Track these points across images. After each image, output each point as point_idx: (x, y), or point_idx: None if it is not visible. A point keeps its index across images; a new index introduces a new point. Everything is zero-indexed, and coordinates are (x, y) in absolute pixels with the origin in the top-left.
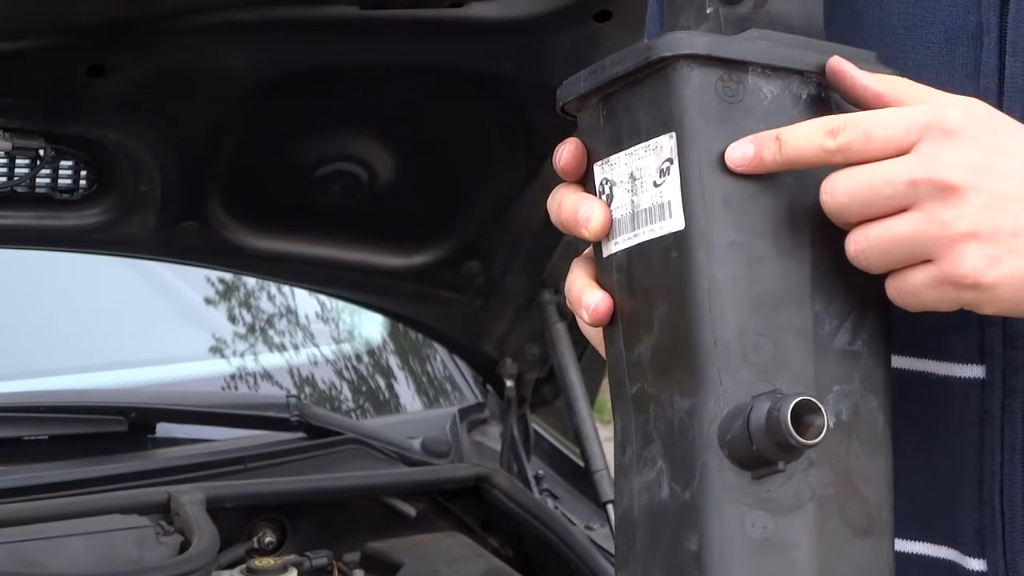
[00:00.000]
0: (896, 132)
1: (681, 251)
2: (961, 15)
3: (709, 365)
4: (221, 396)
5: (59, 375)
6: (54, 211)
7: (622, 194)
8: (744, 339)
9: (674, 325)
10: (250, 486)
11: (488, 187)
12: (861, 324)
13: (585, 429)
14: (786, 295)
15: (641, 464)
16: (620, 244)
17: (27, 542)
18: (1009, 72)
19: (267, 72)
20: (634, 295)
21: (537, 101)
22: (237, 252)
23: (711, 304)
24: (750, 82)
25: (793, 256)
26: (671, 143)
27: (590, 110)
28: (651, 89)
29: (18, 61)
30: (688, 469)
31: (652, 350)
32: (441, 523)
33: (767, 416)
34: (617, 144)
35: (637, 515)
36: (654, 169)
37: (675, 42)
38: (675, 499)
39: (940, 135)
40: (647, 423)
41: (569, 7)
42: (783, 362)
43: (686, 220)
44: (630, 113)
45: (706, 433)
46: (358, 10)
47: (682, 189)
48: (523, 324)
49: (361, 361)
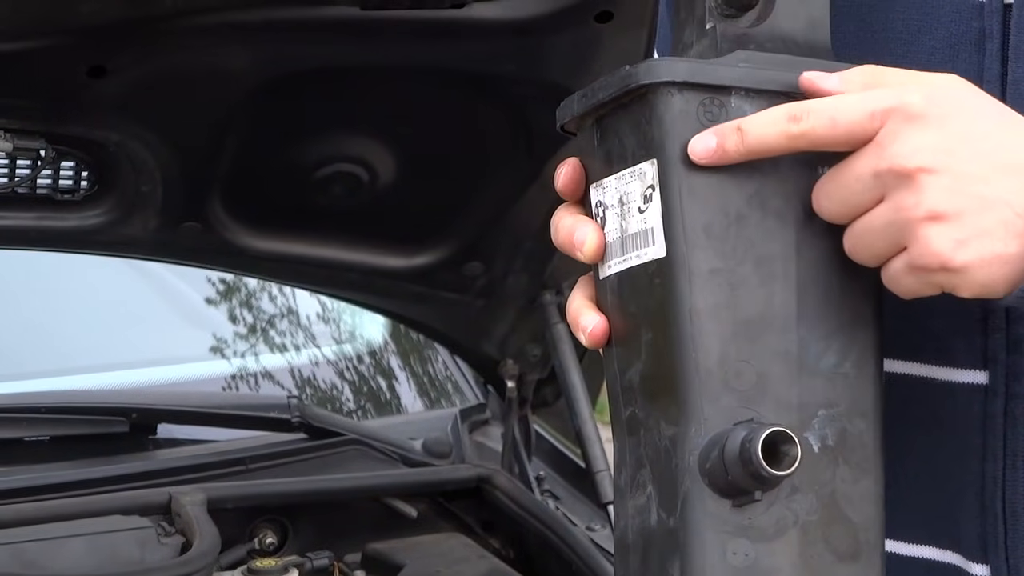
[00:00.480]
0: (859, 118)
1: (663, 278)
2: (964, 21)
3: (691, 393)
4: (222, 397)
5: (60, 376)
6: (55, 212)
7: (613, 218)
8: (726, 366)
9: (659, 352)
10: (251, 487)
11: (489, 188)
12: (849, 346)
13: (586, 430)
14: (770, 320)
15: (634, 488)
16: (612, 268)
17: (28, 543)
18: (1012, 78)
19: (268, 73)
20: (625, 319)
21: (538, 102)
22: (238, 253)
23: (692, 332)
24: (733, 105)
25: (777, 281)
26: (653, 169)
27: (586, 131)
28: (636, 114)
29: (19, 62)
30: (672, 496)
31: (640, 376)
32: (442, 524)
33: (740, 447)
34: (608, 167)
35: (631, 538)
36: (639, 195)
37: (655, 69)
38: (661, 525)
39: (903, 120)
40: (638, 447)
41: (570, 8)
42: (766, 388)
43: (667, 247)
44: (619, 137)
45: (687, 461)
46: (359, 11)
47: (663, 216)
48: (524, 325)
49: (362, 362)
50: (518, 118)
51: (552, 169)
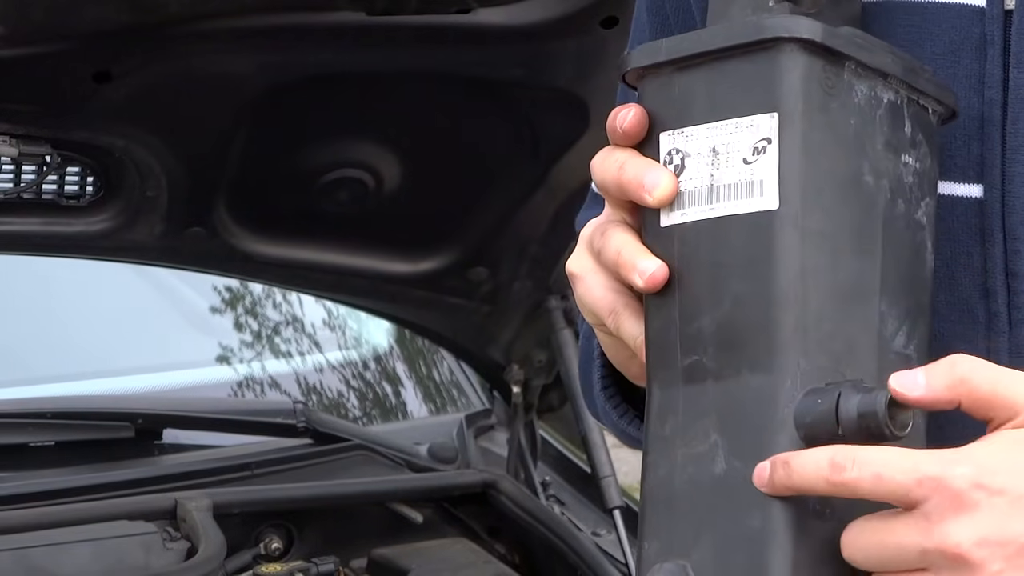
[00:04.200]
0: (906, 482)
1: (771, 230)
2: (965, 27)
3: (788, 347)
4: (228, 402)
5: (66, 381)
6: (61, 217)
7: (698, 166)
8: (822, 326)
9: (751, 302)
10: (257, 492)
11: (495, 193)
12: (914, 329)
13: (592, 435)
14: (859, 290)
15: (689, 436)
16: (689, 216)
17: (33, 548)
18: (1013, 83)
19: (273, 78)
20: (701, 268)
21: (544, 107)
22: (244, 258)
23: (800, 288)
24: (845, 78)
25: (868, 253)
26: (772, 123)
27: (660, 79)
28: (751, 67)
29: (24, 67)
30: (756, 445)
31: (719, 325)
32: (448, 529)
33: (860, 404)
34: (691, 117)
35: (678, 486)
36: (746, 146)
37: (790, 24)
38: (735, 473)
39: (949, 500)
40: (701, 396)
41: (576, 13)
42: (853, 354)
43: (781, 201)
44: (714, 87)
45: (781, 412)
46: (365, 16)
47: (780, 170)
48: (530, 330)
49: (368, 367)
50: (524, 123)
51: (559, 174)
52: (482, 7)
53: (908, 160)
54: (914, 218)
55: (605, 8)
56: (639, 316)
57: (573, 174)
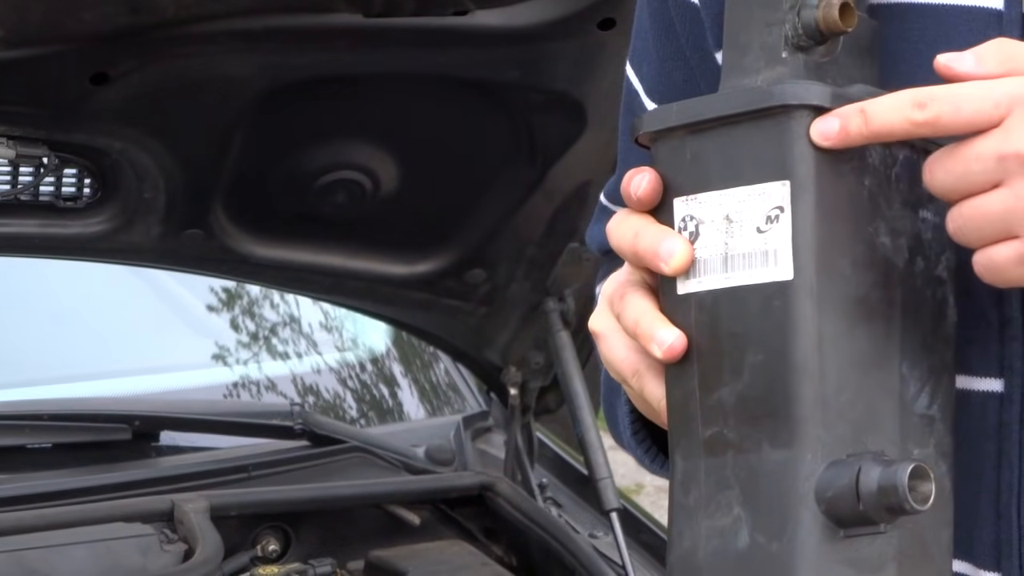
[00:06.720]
0: (984, 106)
1: (786, 301)
2: (981, 31)
3: (808, 418)
4: (225, 404)
5: (62, 383)
6: (58, 219)
7: (712, 234)
8: (841, 396)
9: (769, 374)
10: (254, 494)
11: (492, 195)
12: (937, 389)
13: (589, 437)
14: (879, 355)
15: (711, 508)
16: (705, 285)
17: (30, 550)
18: None
19: (271, 80)
20: (718, 338)
21: (541, 109)
22: (241, 260)
23: (818, 358)
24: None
25: (886, 317)
26: (784, 191)
27: (672, 143)
28: (761, 133)
29: (22, 69)
30: (778, 520)
31: (738, 396)
32: (445, 531)
33: (880, 478)
34: (705, 182)
35: (703, 558)
36: (759, 215)
37: (798, 91)
38: (758, 549)
39: None
40: (723, 468)
41: (573, 15)
42: (875, 422)
43: (795, 271)
44: (726, 153)
45: (802, 487)
46: (362, 18)
47: (793, 239)
48: (527, 332)
49: (365, 369)
50: (521, 125)
51: (556, 176)
52: (479, 9)
53: (927, 215)
54: (934, 274)
55: (602, 10)
56: (662, 378)
57: (570, 176)
